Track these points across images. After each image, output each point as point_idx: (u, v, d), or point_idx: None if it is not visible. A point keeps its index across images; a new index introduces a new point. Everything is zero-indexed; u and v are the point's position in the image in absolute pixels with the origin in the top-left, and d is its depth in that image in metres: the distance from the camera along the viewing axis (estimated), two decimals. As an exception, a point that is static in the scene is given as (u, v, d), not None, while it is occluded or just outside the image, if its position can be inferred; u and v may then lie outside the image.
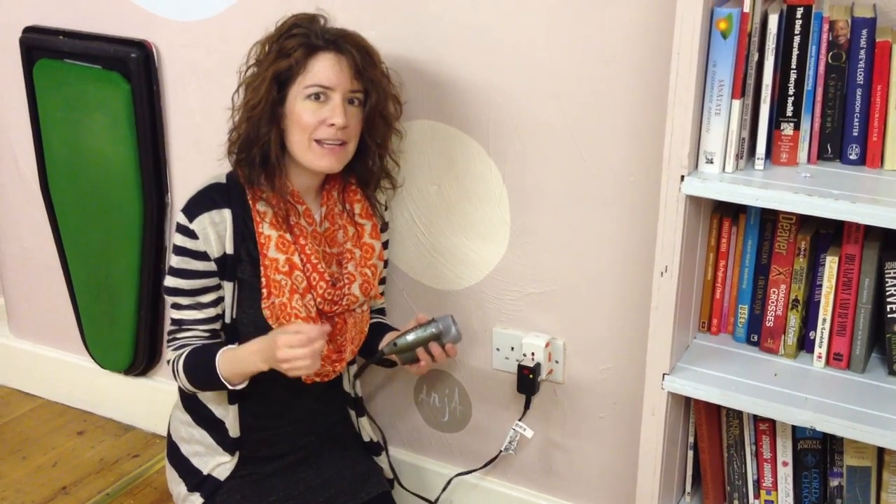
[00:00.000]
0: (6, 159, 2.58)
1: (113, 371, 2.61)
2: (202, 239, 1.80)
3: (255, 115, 1.76)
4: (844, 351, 1.66)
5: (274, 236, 1.81)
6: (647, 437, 1.72)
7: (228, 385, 1.80)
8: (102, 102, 2.31)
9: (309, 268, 1.83)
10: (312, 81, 1.74)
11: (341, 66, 1.74)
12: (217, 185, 1.84)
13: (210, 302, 1.85)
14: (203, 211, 1.80)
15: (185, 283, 1.82)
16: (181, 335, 1.86)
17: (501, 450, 2.09)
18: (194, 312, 1.85)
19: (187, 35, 2.21)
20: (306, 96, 1.74)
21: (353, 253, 1.90)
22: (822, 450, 1.73)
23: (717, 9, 1.51)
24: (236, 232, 1.81)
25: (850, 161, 1.59)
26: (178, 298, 1.84)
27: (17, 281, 2.71)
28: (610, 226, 1.90)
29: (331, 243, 1.88)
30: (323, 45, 1.74)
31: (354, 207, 1.91)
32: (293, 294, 1.81)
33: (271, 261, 1.81)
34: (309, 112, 1.74)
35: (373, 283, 1.91)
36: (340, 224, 1.89)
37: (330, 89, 1.74)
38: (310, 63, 1.74)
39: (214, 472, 1.94)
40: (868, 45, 1.53)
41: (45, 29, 2.36)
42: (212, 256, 1.81)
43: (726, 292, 1.76)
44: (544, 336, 2.02)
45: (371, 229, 1.92)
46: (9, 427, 2.64)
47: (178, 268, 1.82)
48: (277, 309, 1.81)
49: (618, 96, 1.81)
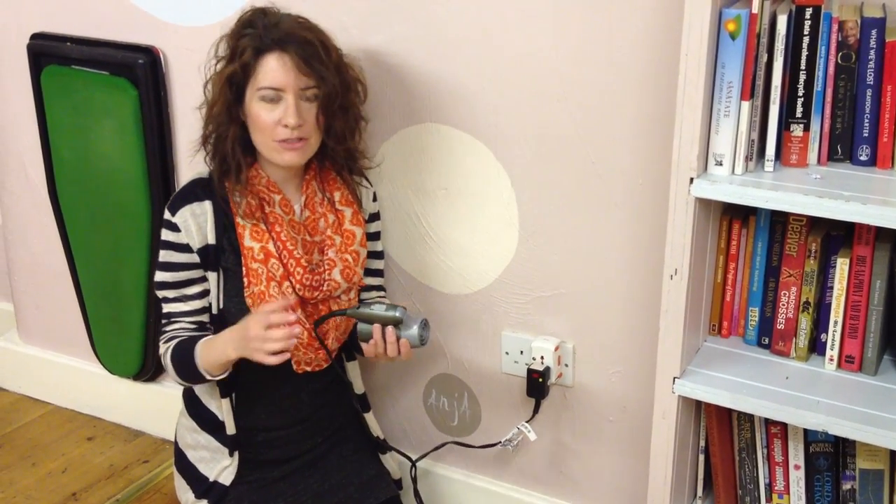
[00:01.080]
0: (15, 166, 2.59)
1: (122, 377, 2.61)
2: (184, 231, 1.83)
3: (213, 114, 1.81)
4: (856, 353, 1.65)
5: (248, 226, 1.84)
6: (658, 440, 1.72)
7: (207, 375, 1.82)
8: (110, 108, 2.31)
9: (285, 254, 1.84)
10: (263, 84, 1.76)
11: (287, 65, 1.75)
12: (200, 179, 1.88)
13: (195, 294, 1.87)
14: (185, 204, 1.84)
15: (169, 276, 1.86)
16: (169, 328, 1.89)
17: (500, 441, 2.09)
18: (180, 305, 1.87)
19: (194, 41, 2.20)
20: (260, 98, 1.77)
21: (333, 240, 1.90)
22: (834, 453, 1.72)
23: (726, 10, 1.50)
24: (217, 222, 1.84)
25: (861, 162, 1.59)
26: (166, 292, 1.87)
27: (26, 287, 2.72)
28: (619, 228, 1.89)
29: (312, 232, 1.89)
30: (269, 45, 1.75)
31: (334, 195, 1.92)
32: (270, 282, 1.83)
33: (248, 249, 1.83)
34: (265, 113, 1.77)
35: (354, 269, 1.92)
36: (321, 212, 1.91)
37: (280, 90, 1.76)
38: (258, 65, 1.76)
39: (220, 477, 1.94)
40: (878, 46, 1.52)
41: (53, 35, 2.37)
42: (194, 248, 1.84)
43: (737, 295, 1.75)
44: (554, 339, 2.01)
45: (352, 216, 1.93)
46: (18, 433, 2.64)
47: (163, 261, 1.86)
48: (257, 297, 1.83)
49: (626, 98, 1.80)
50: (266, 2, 1.87)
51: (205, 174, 1.89)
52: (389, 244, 2.13)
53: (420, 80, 1.98)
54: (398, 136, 2.04)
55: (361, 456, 2.05)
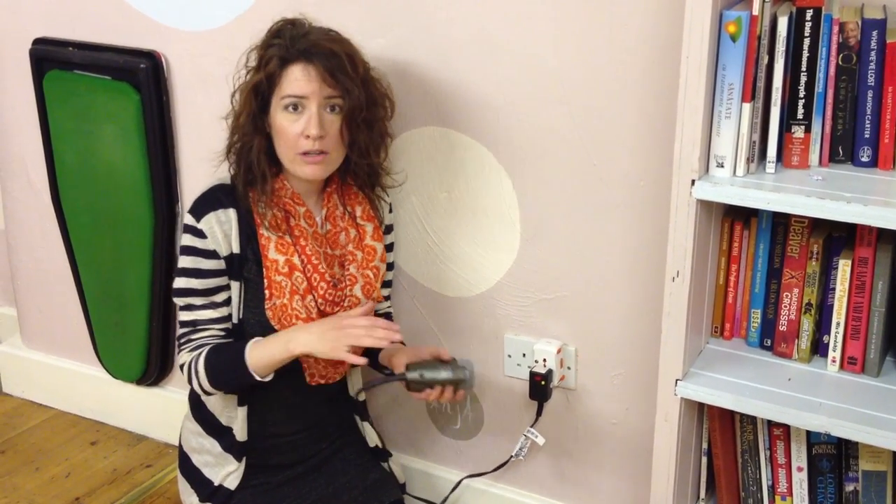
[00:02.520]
0: (17, 171, 2.59)
1: (125, 381, 2.61)
2: (210, 238, 1.81)
3: (239, 124, 1.80)
4: (859, 355, 1.65)
5: (273, 238, 1.82)
6: (661, 443, 1.71)
7: (256, 376, 1.79)
8: (112, 113, 2.32)
9: (310, 269, 1.83)
10: (286, 92, 1.75)
11: (311, 75, 1.74)
12: (222, 185, 1.86)
13: (223, 301, 1.85)
14: (209, 210, 1.82)
15: (197, 283, 1.83)
16: (196, 336, 1.86)
17: (512, 455, 2.08)
18: (209, 312, 1.85)
19: (196, 45, 2.21)
20: (283, 107, 1.76)
21: (355, 255, 1.90)
22: (837, 455, 1.72)
23: (726, 12, 1.50)
24: (241, 231, 1.83)
25: (862, 163, 1.59)
26: (191, 299, 1.84)
27: (30, 292, 2.72)
28: (621, 231, 1.89)
29: (333, 245, 1.89)
30: (295, 55, 1.75)
31: (356, 210, 1.91)
32: (293, 295, 1.82)
33: (271, 262, 1.82)
34: (288, 123, 1.76)
35: (374, 285, 1.92)
36: (342, 226, 1.90)
37: (304, 98, 1.75)
38: (283, 75, 1.76)
39: (225, 481, 1.94)
40: (879, 47, 1.52)
41: (55, 40, 2.37)
42: (221, 255, 1.82)
43: (739, 297, 1.75)
44: (556, 342, 2.01)
45: (373, 231, 1.92)
46: (22, 438, 2.64)
47: (189, 268, 1.83)
48: (279, 310, 1.82)
49: (627, 101, 1.80)
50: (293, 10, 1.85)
51: (226, 180, 1.87)
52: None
53: (422, 84, 1.98)
54: (400, 140, 2.04)
55: (366, 459, 2.05)
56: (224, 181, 1.87)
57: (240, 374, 1.80)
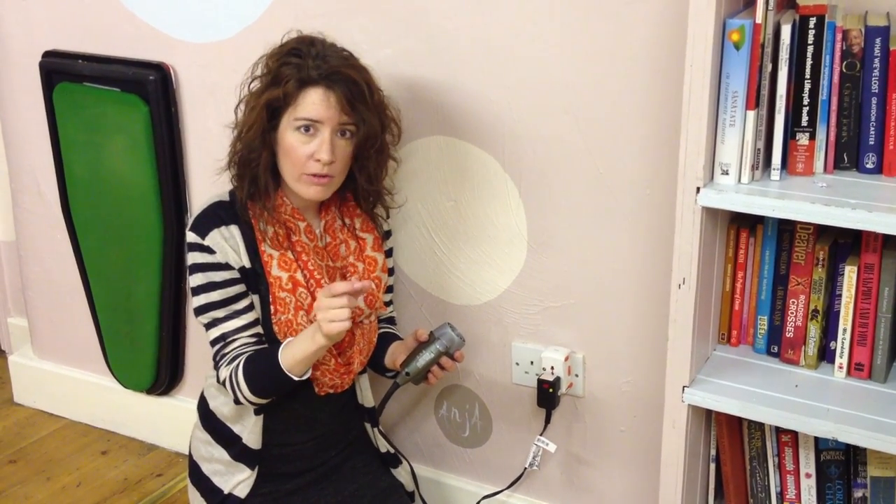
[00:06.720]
0: (28, 182, 2.61)
1: (135, 391, 2.62)
2: (220, 252, 1.81)
3: (247, 137, 1.79)
4: (865, 361, 1.65)
5: (276, 255, 1.82)
6: (669, 450, 1.72)
7: (294, 377, 1.78)
8: (122, 125, 2.33)
9: (312, 283, 1.84)
10: (302, 115, 1.75)
11: (329, 101, 1.74)
12: (221, 202, 1.86)
13: (245, 307, 1.84)
14: (213, 227, 1.82)
15: (216, 295, 1.82)
16: (229, 349, 1.84)
17: (526, 466, 2.08)
18: (234, 322, 1.83)
19: (204, 57, 2.23)
20: (296, 127, 1.76)
21: (356, 266, 1.91)
22: (845, 461, 1.72)
23: (730, 20, 1.51)
24: (248, 247, 1.83)
25: (867, 170, 1.59)
26: (214, 313, 1.84)
27: (40, 302, 2.74)
28: (627, 238, 1.90)
29: (333, 257, 1.89)
30: (315, 78, 1.74)
31: (355, 222, 1.92)
32: (298, 311, 1.83)
33: (275, 279, 1.82)
34: (299, 144, 1.76)
35: (377, 295, 1.92)
36: (342, 238, 1.91)
37: (319, 122, 1.75)
38: (300, 96, 1.74)
39: (235, 490, 1.94)
40: (882, 54, 1.52)
41: (65, 53, 2.39)
42: (234, 266, 1.82)
43: (745, 303, 1.75)
44: (563, 350, 2.02)
45: (373, 242, 1.93)
46: (33, 448, 2.65)
47: (202, 284, 1.82)
48: (284, 325, 1.83)
49: (632, 109, 1.81)
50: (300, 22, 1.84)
51: (224, 196, 1.86)
52: (399, 256, 2.14)
53: (428, 94, 1.99)
54: (406, 149, 2.05)
55: (374, 468, 2.05)
56: (221, 198, 1.86)
57: (277, 378, 1.78)
